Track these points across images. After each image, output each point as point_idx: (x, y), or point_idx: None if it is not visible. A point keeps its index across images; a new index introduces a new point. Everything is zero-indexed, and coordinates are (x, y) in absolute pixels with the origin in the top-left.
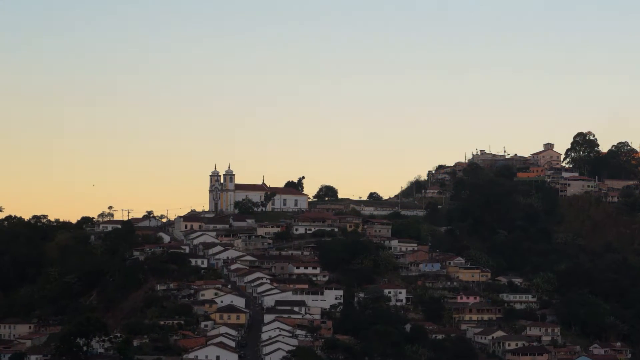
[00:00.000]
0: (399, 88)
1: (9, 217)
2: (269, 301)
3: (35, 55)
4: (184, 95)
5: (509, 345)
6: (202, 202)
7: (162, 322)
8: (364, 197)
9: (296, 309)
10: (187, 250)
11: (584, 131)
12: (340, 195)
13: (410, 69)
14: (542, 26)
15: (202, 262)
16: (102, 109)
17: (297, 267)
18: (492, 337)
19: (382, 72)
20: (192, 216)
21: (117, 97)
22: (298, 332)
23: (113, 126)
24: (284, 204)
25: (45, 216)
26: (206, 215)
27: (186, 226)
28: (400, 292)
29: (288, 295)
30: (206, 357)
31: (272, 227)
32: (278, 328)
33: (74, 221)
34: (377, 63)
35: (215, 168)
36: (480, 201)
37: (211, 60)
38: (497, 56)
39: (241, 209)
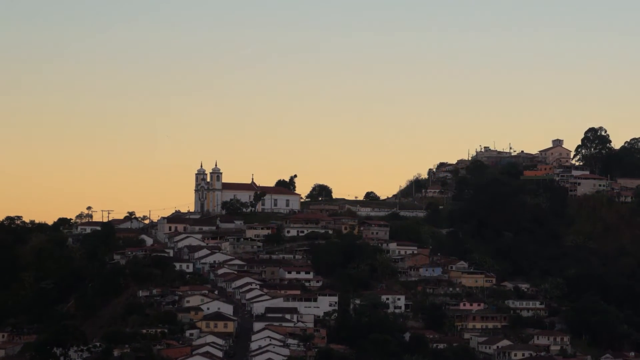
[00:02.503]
0: (397, 81)
1: None
2: (258, 308)
3: (18, 48)
4: (168, 87)
5: (515, 355)
6: (187, 203)
7: (144, 331)
8: (360, 197)
9: (288, 316)
10: (171, 254)
11: (595, 126)
12: (334, 195)
13: (410, 61)
14: (552, 15)
15: (187, 267)
16: (81, 101)
17: (289, 272)
18: (497, 347)
19: (380, 64)
20: (177, 217)
21: (96, 89)
22: (290, 341)
23: (92, 120)
24: (275, 205)
25: (19, 217)
26: (191, 217)
27: (170, 228)
28: (399, 299)
29: (279, 302)
30: None
31: (262, 229)
32: (268, 337)
33: (50, 222)
34: (374, 53)
35: (201, 166)
36: (484, 201)
37: (197, 51)
38: (502, 47)
39: (229, 210)
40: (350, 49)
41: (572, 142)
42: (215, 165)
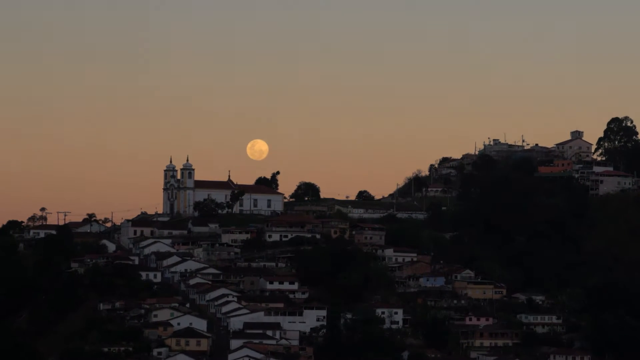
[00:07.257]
0: (394, 66)
1: None
2: (236, 323)
3: None
4: (133, 73)
5: None
6: (154, 203)
7: (106, 349)
8: (352, 197)
9: (269, 332)
10: (137, 262)
11: (620, 116)
12: (322, 195)
13: (408, 43)
14: None
15: (155, 276)
16: (35, 83)
17: (271, 282)
18: None
19: (375, 48)
20: (143, 220)
21: (51, 70)
22: None
23: (46, 110)
24: (255, 205)
25: None
26: (160, 219)
27: (135, 232)
28: (396, 313)
29: (259, 316)
30: None
31: (240, 233)
32: (247, 356)
33: None
34: (368, 37)
35: (171, 161)
36: (493, 202)
37: (167, 33)
38: (513, 27)
39: (202, 211)
40: (343, 35)
41: (593, 135)
42: (187, 160)
